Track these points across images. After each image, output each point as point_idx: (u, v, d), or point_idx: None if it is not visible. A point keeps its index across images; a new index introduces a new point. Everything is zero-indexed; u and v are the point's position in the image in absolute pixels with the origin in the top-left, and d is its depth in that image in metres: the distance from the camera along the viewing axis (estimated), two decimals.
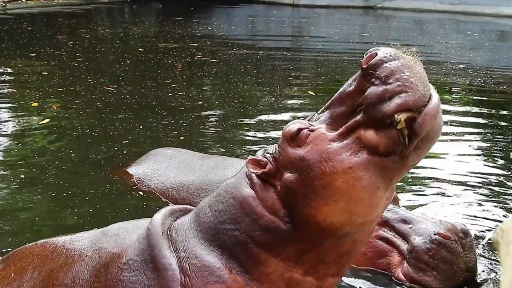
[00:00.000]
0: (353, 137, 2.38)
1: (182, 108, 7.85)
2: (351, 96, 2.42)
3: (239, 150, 6.32)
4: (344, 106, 2.44)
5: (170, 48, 12.48)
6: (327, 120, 2.49)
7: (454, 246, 3.65)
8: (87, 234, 3.16)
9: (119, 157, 5.94)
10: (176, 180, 4.85)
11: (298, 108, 8.22)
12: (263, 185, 2.58)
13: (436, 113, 2.29)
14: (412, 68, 2.32)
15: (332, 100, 2.50)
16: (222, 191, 2.72)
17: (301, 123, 2.52)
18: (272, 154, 2.59)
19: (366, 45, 14.31)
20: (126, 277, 2.76)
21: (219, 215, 2.66)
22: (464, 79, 10.56)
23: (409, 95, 2.26)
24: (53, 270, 3.01)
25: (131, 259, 2.79)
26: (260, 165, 2.59)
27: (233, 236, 2.61)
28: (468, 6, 19.90)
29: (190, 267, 2.66)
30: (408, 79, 2.28)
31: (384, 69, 2.30)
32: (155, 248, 2.74)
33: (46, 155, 6.09)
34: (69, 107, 7.89)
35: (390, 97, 2.27)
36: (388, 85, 2.28)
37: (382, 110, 2.28)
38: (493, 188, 5.45)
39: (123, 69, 10.45)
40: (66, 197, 5.02)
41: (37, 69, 10.09)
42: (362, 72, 2.37)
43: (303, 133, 2.48)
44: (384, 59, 2.32)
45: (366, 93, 2.33)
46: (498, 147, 6.69)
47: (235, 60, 11.58)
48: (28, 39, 13.15)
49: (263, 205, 2.56)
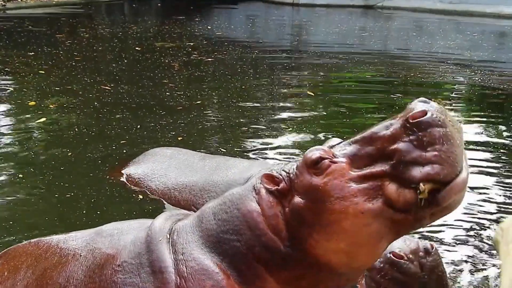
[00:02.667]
0: (373, 183, 2.34)
1: (180, 107, 7.81)
2: (384, 140, 2.36)
3: (238, 150, 6.27)
4: (373, 148, 2.38)
5: (167, 47, 12.43)
6: (351, 155, 2.42)
7: (407, 267, 3.36)
8: (81, 234, 3.15)
9: (116, 157, 5.89)
10: (178, 181, 4.76)
11: (297, 108, 8.18)
12: (271, 202, 2.55)
13: (462, 188, 2.27)
14: (454, 140, 2.27)
15: (363, 136, 2.44)
16: (228, 200, 2.70)
17: (324, 151, 2.46)
18: (288, 173, 2.55)
19: (366, 45, 14.35)
20: (120, 279, 2.76)
21: (222, 224, 2.65)
22: (464, 79, 10.53)
23: (442, 169, 2.23)
24: (46, 269, 3.01)
25: (126, 261, 2.78)
26: (274, 181, 2.56)
27: (234, 246, 2.59)
28: (468, 6, 19.86)
29: (187, 269, 2.64)
30: (446, 152, 2.24)
31: (428, 133, 2.25)
32: (153, 253, 2.74)
33: (43, 154, 6.05)
34: (66, 107, 7.85)
35: (423, 163, 2.24)
36: (426, 152, 2.24)
37: (411, 173, 2.25)
38: (493, 187, 5.43)
39: (119, 68, 10.40)
40: (65, 198, 4.98)
41: (34, 68, 10.03)
42: (404, 123, 2.31)
43: (324, 163, 2.42)
44: (432, 122, 2.26)
45: (401, 147, 2.28)
46: (498, 146, 6.67)
47: (233, 59, 11.53)
48: (27, 38, 13.11)
49: (267, 222, 2.54)
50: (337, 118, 7.66)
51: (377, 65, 11.65)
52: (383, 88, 9.80)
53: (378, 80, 10.34)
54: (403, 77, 10.46)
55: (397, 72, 10.92)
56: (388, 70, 11.12)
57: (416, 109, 2.30)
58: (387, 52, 13.23)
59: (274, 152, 6.26)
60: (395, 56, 12.69)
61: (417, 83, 10.08)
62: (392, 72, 11.00)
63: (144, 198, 4.91)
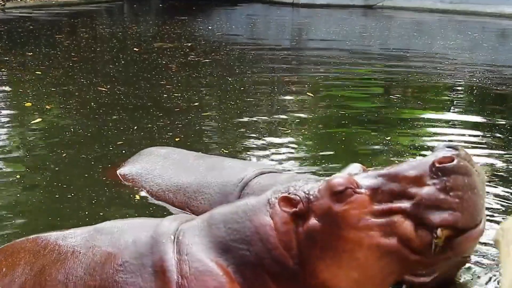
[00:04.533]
0: (391, 219, 2.38)
1: (177, 109, 7.75)
2: (408, 180, 2.40)
3: (236, 151, 6.22)
4: (397, 185, 2.42)
5: (165, 48, 12.37)
6: (374, 188, 2.46)
7: None
8: (80, 231, 3.15)
9: (113, 158, 5.83)
10: (172, 182, 4.68)
11: (297, 108, 8.13)
12: (285, 218, 2.58)
13: (477, 238, 2.34)
14: (477, 190, 2.30)
15: (388, 172, 2.48)
16: (241, 210, 2.73)
17: (349, 180, 2.49)
18: (307, 194, 2.58)
19: (366, 45, 14.29)
20: (122, 278, 2.78)
21: (232, 233, 2.68)
22: (464, 79, 10.47)
23: (461, 217, 2.27)
24: (45, 266, 3.01)
25: (127, 262, 2.80)
26: (291, 204, 2.58)
27: (243, 255, 2.63)
28: (468, 5, 19.81)
29: (190, 269, 2.65)
30: (468, 201, 2.28)
31: (453, 180, 2.29)
32: (156, 254, 2.76)
33: (39, 155, 6.00)
34: (62, 107, 7.80)
35: (443, 209, 2.27)
36: (449, 197, 2.27)
37: (430, 217, 2.29)
38: (493, 187, 5.38)
39: (117, 69, 10.34)
40: (62, 199, 4.93)
41: (31, 68, 9.98)
42: (430, 166, 2.34)
43: (347, 191, 2.46)
44: (457, 170, 2.30)
45: (424, 189, 2.32)
46: (498, 147, 6.62)
47: (231, 60, 11.46)
48: (26, 38, 13.07)
49: (279, 237, 2.57)
50: (337, 118, 7.60)
51: (377, 65, 11.59)
52: (383, 88, 9.75)
53: (378, 80, 10.29)
54: (403, 77, 10.41)
55: (397, 72, 10.86)
56: (388, 70, 11.06)
57: (443, 154, 2.34)
58: (387, 52, 13.17)
59: (274, 152, 6.20)
60: (395, 56, 12.63)
61: (417, 83, 10.02)
62: (392, 72, 10.95)
63: (143, 198, 4.84)
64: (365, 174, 2.54)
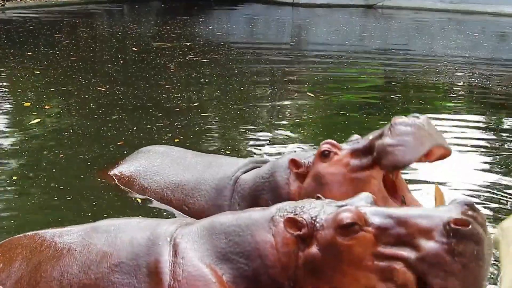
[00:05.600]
0: (393, 265, 2.36)
1: (177, 109, 7.72)
2: (417, 230, 2.36)
3: (236, 151, 6.21)
4: (405, 232, 2.39)
5: (163, 48, 12.34)
6: (382, 228, 2.43)
7: None
8: (77, 229, 3.17)
9: (112, 159, 5.79)
10: (171, 180, 4.70)
11: (297, 108, 8.11)
12: (286, 239, 2.58)
13: None
14: (483, 262, 2.28)
15: (399, 215, 2.44)
16: (243, 224, 2.73)
17: (358, 216, 2.46)
18: (313, 220, 2.56)
19: (366, 45, 14.27)
20: (118, 279, 2.80)
21: (232, 245, 2.69)
22: (464, 79, 10.45)
23: (463, 286, 2.25)
24: (41, 262, 3.03)
25: (123, 262, 2.82)
26: (296, 226, 2.57)
27: (240, 268, 2.64)
28: (468, 5, 19.78)
29: (183, 273, 2.66)
30: (472, 272, 2.25)
31: (463, 246, 2.26)
32: (152, 256, 2.78)
33: (37, 155, 5.98)
34: (61, 107, 7.79)
35: (447, 272, 2.25)
36: (454, 262, 2.25)
37: (430, 277, 2.27)
38: (494, 186, 5.40)
39: (115, 69, 10.32)
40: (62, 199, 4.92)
41: (30, 68, 9.95)
42: (444, 224, 2.30)
43: (355, 227, 2.44)
44: (470, 236, 2.26)
45: (432, 246, 2.29)
46: (497, 147, 6.62)
47: (231, 60, 11.43)
48: (25, 38, 13.05)
49: (278, 257, 2.58)
50: (337, 118, 7.59)
51: (377, 64, 11.58)
52: (383, 88, 9.74)
53: (378, 80, 10.27)
54: (403, 77, 10.39)
55: (397, 72, 10.85)
56: (388, 70, 11.04)
57: (461, 215, 2.29)
58: (387, 52, 13.15)
59: (274, 152, 6.18)
60: (395, 56, 12.61)
61: (417, 83, 10.00)
62: (392, 72, 10.93)
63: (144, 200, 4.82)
64: (375, 209, 2.50)
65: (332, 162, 3.71)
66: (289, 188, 3.86)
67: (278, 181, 3.93)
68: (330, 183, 3.65)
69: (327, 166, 3.72)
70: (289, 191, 3.85)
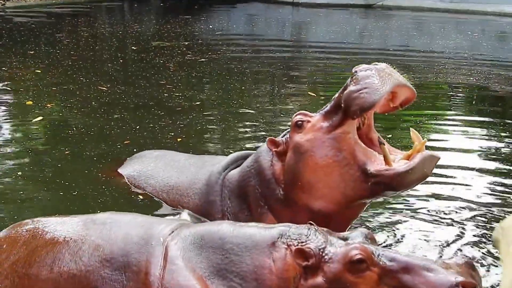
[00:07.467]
0: None
1: (179, 108, 7.75)
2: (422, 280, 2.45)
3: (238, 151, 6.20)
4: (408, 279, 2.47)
5: (162, 47, 12.34)
6: (387, 270, 2.52)
7: None
8: (78, 218, 3.24)
9: (115, 158, 5.82)
10: (165, 182, 4.77)
11: (298, 108, 8.12)
12: (287, 266, 2.61)
13: None
14: None
15: (407, 263, 2.52)
16: (242, 243, 2.72)
17: (367, 254, 2.53)
18: (321, 251, 2.60)
19: (366, 44, 14.29)
20: (107, 274, 2.83)
21: (229, 263, 2.68)
22: (464, 79, 10.47)
23: None
24: (38, 246, 3.10)
25: (114, 258, 2.85)
26: (303, 257, 2.61)
27: (233, 287, 2.64)
28: (468, 5, 19.80)
29: (172, 280, 2.67)
30: None
31: None
32: (143, 255, 2.80)
33: (40, 154, 6.02)
34: (63, 106, 7.81)
35: None
36: None
37: None
38: (492, 187, 5.41)
39: (116, 68, 10.35)
40: (62, 198, 4.95)
41: (31, 67, 9.98)
42: (453, 285, 2.38)
43: (363, 266, 2.51)
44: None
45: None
46: (497, 147, 6.65)
47: (232, 59, 11.44)
48: (26, 37, 13.06)
49: (276, 283, 2.60)
50: None
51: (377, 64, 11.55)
52: None
53: None
54: (403, 76, 10.39)
55: (397, 71, 10.83)
56: None
57: (468, 279, 2.38)
58: (387, 52, 13.17)
59: None
60: (395, 56, 12.62)
61: (417, 82, 10.01)
62: None
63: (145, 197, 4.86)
64: (383, 251, 2.57)
65: (306, 130, 3.81)
66: (274, 168, 3.93)
67: (262, 164, 3.99)
68: (309, 149, 3.73)
69: (302, 135, 3.81)
70: (273, 172, 3.92)
